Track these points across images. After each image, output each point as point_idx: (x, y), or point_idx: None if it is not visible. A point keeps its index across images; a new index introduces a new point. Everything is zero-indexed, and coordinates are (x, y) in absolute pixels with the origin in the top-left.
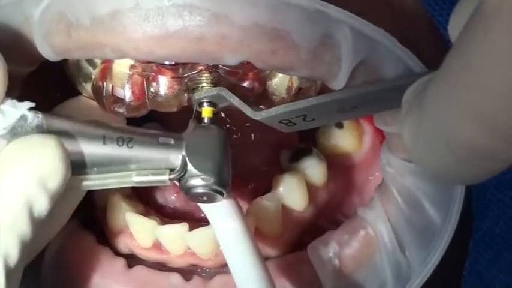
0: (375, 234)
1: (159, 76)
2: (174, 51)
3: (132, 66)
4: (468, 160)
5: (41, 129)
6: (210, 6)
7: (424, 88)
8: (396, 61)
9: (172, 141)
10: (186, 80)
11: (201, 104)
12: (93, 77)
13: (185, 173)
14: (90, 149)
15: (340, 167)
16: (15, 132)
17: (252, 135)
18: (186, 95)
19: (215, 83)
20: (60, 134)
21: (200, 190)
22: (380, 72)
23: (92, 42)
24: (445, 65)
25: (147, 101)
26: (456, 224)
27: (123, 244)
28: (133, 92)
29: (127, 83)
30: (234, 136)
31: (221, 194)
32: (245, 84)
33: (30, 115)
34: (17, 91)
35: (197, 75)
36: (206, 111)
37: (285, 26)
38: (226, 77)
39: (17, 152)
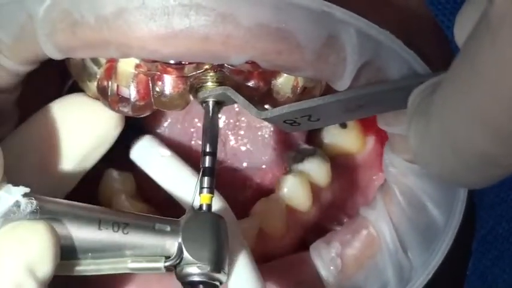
0: (377, 234)
1: (164, 75)
2: (180, 51)
3: (137, 66)
4: (474, 165)
5: (34, 215)
6: (216, 6)
7: (430, 92)
8: (400, 62)
9: (169, 228)
10: (191, 79)
11: (206, 103)
12: (98, 76)
13: (181, 260)
14: (85, 234)
15: (344, 168)
16: (8, 218)
17: (258, 134)
18: (191, 94)
19: (220, 82)
20: (54, 218)
21: (196, 278)
22: (384, 73)
23: (96, 41)
24: (452, 71)
25: (152, 100)
26: (459, 225)
27: None
28: (138, 91)
29: (132, 82)
30: (240, 135)
31: (219, 282)
32: (250, 83)
33: (24, 201)
34: (18, 89)
35: (202, 75)
36: (204, 198)
37: (290, 27)
38: (231, 76)
39: (6, 239)
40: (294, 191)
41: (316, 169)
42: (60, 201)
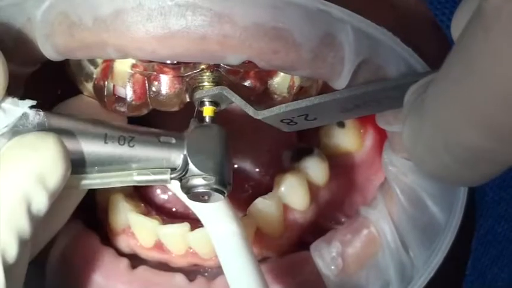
0: (377, 233)
1: (161, 75)
2: (177, 51)
3: (133, 65)
4: (468, 162)
5: (42, 127)
6: (212, 6)
7: (425, 89)
8: (399, 60)
9: (174, 141)
10: (187, 79)
11: (202, 103)
12: (94, 76)
13: (186, 172)
14: (91, 147)
15: (341, 167)
16: (17, 130)
17: (254, 134)
18: (187, 94)
19: (216, 82)
20: (61, 132)
21: (201, 189)
22: (382, 72)
23: (94, 42)
24: (445, 66)
25: (148, 100)
26: (459, 223)
27: (125, 244)
28: (134, 91)
29: (128, 82)
30: (235, 135)
31: (222, 193)
32: (246, 83)
33: (32, 113)
34: (20, 91)
35: (199, 74)
36: (207, 111)
37: (286, 26)
38: (228, 76)
39: (16, 149)
40: (291, 190)
41: (314, 168)
42: (66, 116)
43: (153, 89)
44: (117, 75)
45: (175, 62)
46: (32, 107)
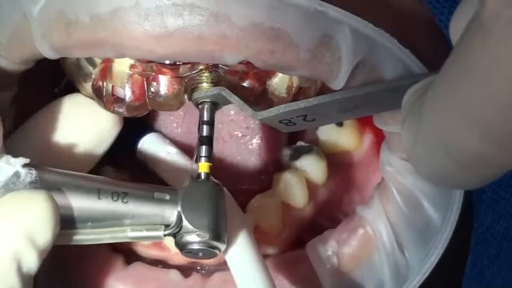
0: (373, 233)
1: (159, 76)
2: (174, 51)
3: (132, 66)
4: (466, 166)
5: (34, 185)
6: (209, 5)
7: (423, 92)
8: (396, 61)
9: (168, 197)
10: (186, 80)
11: (201, 104)
12: (93, 76)
13: (180, 228)
14: (85, 203)
15: (340, 165)
16: (8, 188)
17: (252, 132)
18: (186, 94)
19: (215, 83)
20: (54, 188)
21: (195, 246)
22: (380, 72)
23: (91, 41)
24: (443, 70)
25: (147, 100)
26: (455, 223)
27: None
28: (133, 92)
29: (127, 82)
30: (235, 131)
31: (217, 249)
32: (245, 83)
33: (24, 172)
34: (14, 88)
35: (197, 75)
36: (202, 167)
37: (284, 26)
38: (226, 76)
39: (5, 208)
40: (290, 188)
41: (313, 166)
42: (60, 172)
43: (152, 89)
44: (116, 76)
45: (173, 62)
46: (24, 165)
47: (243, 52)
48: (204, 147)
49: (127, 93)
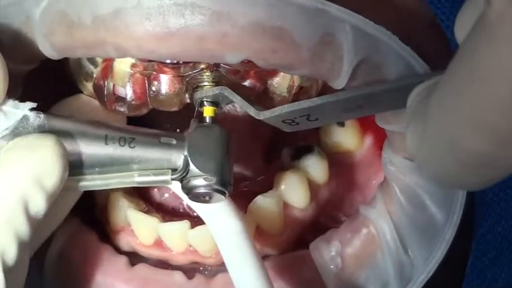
0: (377, 232)
1: (161, 75)
2: (176, 50)
3: (133, 65)
4: (471, 167)
5: (42, 130)
6: (211, 5)
7: (428, 92)
8: (397, 59)
9: (174, 141)
10: (187, 79)
11: (202, 103)
12: (94, 75)
13: (187, 173)
14: (92, 149)
15: (341, 165)
16: (17, 132)
17: (254, 131)
18: (187, 94)
19: (216, 82)
20: (62, 134)
21: (202, 190)
22: (381, 71)
23: (93, 41)
24: (449, 71)
25: (148, 100)
26: (458, 223)
27: (125, 241)
28: (134, 91)
29: (128, 81)
30: (236, 131)
31: (223, 193)
32: (246, 83)
33: (32, 115)
34: (18, 89)
35: (198, 74)
36: (208, 111)
37: (285, 25)
38: (228, 75)
39: (14, 151)
40: (291, 188)
41: (314, 166)
42: (67, 117)
43: (153, 88)
44: (117, 75)
45: (175, 61)
46: (32, 109)
47: (245, 51)
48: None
49: (128, 92)
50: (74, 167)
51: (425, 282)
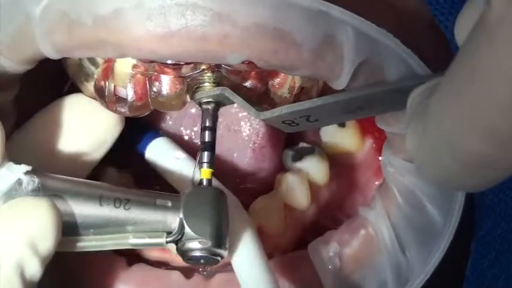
0: (375, 234)
1: (162, 76)
2: (177, 51)
3: (134, 66)
4: (471, 168)
5: (36, 193)
6: (212, 5)
7: (428, 94)
8: (398, 61)
9: (170, 204)
10: (188, 80)
11: (203, 104)
12: (95, 76)
13: (182, 235)
14: (87, 210)
15: (342, 166)
16: (10, 195)
17: (254, 133)
18: (188, 94)
19: (217, 83)
20: (56, 195)
21: (197, 253)
22: (382, 72)
23: (93, 41)
24: (449, 72)
25: (149, 100)
26: (457, 224)
27: None
28: (135, 92)
29: (129, 82)
30: (236, 132)
31: (219, 256)
32: (247, 83)
33: (26, 179)
34: (16, 88)
35: (199, 75)
36: (205, 173)
37: (287, 26)
38: (229, 76)
39: (8, 215)
40: (292, 189)
41: (315, 167)
42: (62, 178)
43: (154, 89)
44: (118, 76)
45: (176, 62)
46: (26, 172)
47: (246, 52)
48: (206, 153)
49: (129, 93)
50: (69, 227)
51: (425, 284)
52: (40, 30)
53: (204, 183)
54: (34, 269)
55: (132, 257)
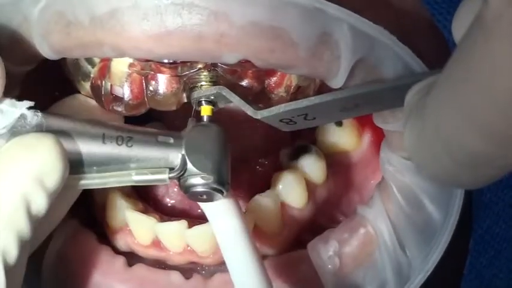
0: (375, 232)
1: (158, 74)
2: (173, 50)
3: (130, 65)
4: (469, 166)
5: (40, 128)
6: (208, 4)
7: (425, 92)
8: (395, 59)
9: (172, 140)
10: (185, 79)
11: (200, 103)
12: (91, 75)
13: (184, 171)
14: (90, 148)
15: (339, 165)
16: (15, 131)
17: (252, 131)
18: (184, 93)
19: (214, 82)
20: (59, 133)
21: (199, 189)
22: (379, 70)
23: (90, 41)
24: (446, 70)
25: (145, 99)
26: (456, 222)
27: (123, 242)
28: (132, 91)
29: (126, 81)
30: (233, 131)
31: (221, 192)
32: (244, 82)
33: (30, 114)
34: (16, 90)
35: (196, 74)
36: (205, 110)
37: (283, 25)
38: (225, 75)
39: (14, 150)
40: (289, 188)
41: (312, 166)
42: (65, 116)
43: (151, 88)
44: (115, 75)
45: (172, 61)
46: (29, 108)
47: (243, 51)
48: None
49: (126, 92)
50: (72, 166)
51: (424, 283)
52: (37, 31)
53: (205, 119)
54: (40, 204)
55: (131, 257)
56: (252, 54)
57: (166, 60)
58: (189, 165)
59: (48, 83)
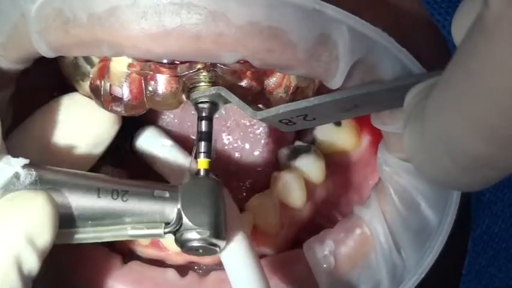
0: (370, 233)
1: (157, 75)
2: (172, 49)
3: (130, 65)
4: (468, 168)
5: (34, 186)
6: (207, 4)
7: (426, 93)
8: (393, 61)
9: (168, 194)
10: (184, 79)
11: (199, 103)
12: (91, 75)
13: (180, 226)
14: (85, 202)
15: (338, 165)
16: (8, 189)
17: (251, 131)
18: (184, 94)
19: (213, 82)
20: (54, 189)
21: (195, 243)
22: (377, 71)
23: (88, 39)
24: (446, 72)
25: (145, 99)
26: (452, 224)
27: (121, 241)
28: (131, 91)
29: (125, 81)
30: (232, 132)
31: (217, 247)
32: (243, 83)
33: (23, 173)
34: (11, 88)
35: (195, 74)
36: (202, 163)
37: (281, 25)
38: (224, 75)
39: (5, 210)
40: (288, 188)
41: (311, 166)
42: (60, 170)
43: (150, 88)
44: (114, 75)
45: (171, 61)
46: (24, 165)
47: (241, 51)
48: (203, 143)
49: (125, 92)
50: (66, 220)
51: (422, 283)
52: (35, 29)
53: (202, 173)
54: (32, 264)
55: (128, 255)
56: (250, 54)
57: (165, 61)
58: (185, 220)
59: (47, 83)
